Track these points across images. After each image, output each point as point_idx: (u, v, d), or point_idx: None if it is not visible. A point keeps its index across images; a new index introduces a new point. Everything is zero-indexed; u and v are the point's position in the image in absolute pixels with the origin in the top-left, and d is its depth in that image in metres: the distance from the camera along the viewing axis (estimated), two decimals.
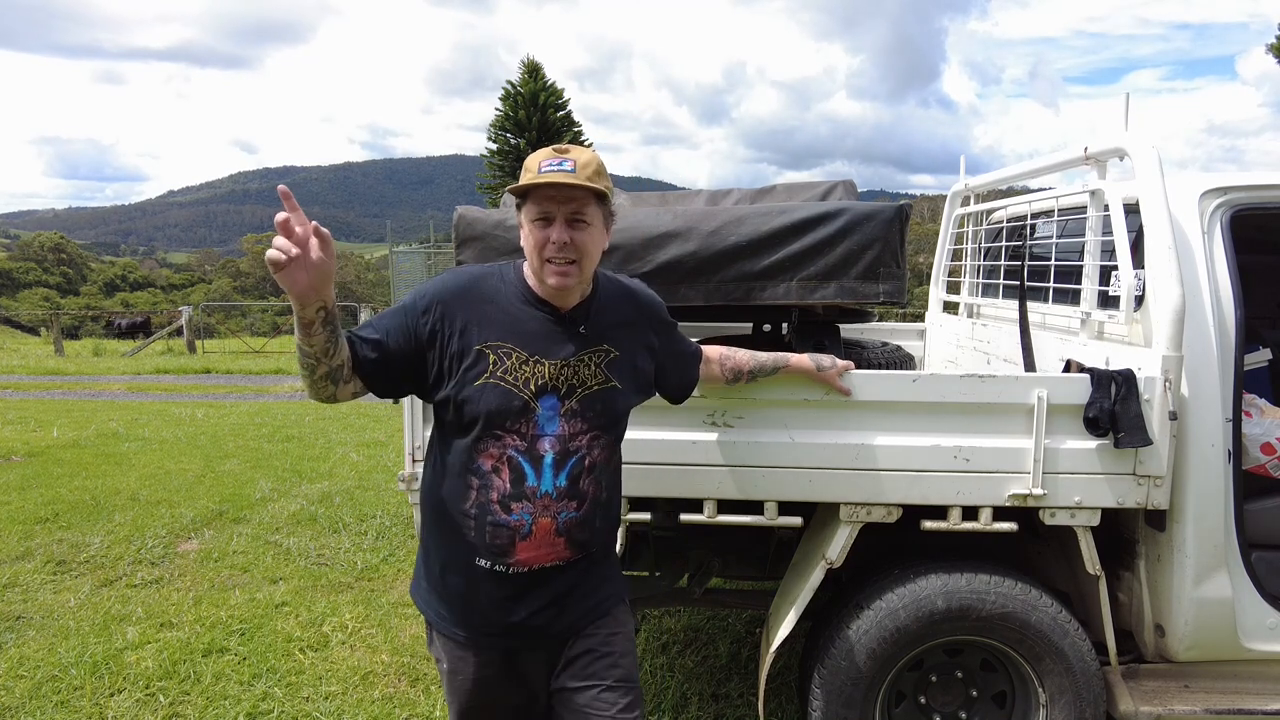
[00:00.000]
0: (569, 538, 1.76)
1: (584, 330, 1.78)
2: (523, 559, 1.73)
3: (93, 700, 3.33)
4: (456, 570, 1.79)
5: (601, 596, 1.88)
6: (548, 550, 1.74)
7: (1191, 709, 2.43)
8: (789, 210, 2.68)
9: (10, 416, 9.81)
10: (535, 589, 1.77)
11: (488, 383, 1.70)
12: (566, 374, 1.74)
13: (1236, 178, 2.49)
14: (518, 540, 1.72)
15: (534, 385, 1.71)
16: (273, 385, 13.18)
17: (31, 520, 5.60)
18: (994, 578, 2.43)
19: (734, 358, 2.23)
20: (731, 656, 3.74)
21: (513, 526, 1.71)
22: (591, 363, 1.78)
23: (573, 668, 1.84)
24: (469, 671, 1.85)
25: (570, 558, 1.78)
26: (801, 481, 2.38)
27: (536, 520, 1.71)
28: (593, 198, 1.70)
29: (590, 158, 1.71)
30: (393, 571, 4.74)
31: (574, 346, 1.76)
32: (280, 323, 30.93)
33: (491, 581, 1.76)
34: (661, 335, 1.96)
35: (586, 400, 1.75)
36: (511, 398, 1.70)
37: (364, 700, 3.34)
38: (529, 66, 25.99)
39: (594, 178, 1.69)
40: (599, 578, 1.89)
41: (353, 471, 7.06)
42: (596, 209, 1.72)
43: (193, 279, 72.29)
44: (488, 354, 1.72)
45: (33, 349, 21.41)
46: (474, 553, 1.75)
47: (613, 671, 1.84)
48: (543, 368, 1.72)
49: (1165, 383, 2.25)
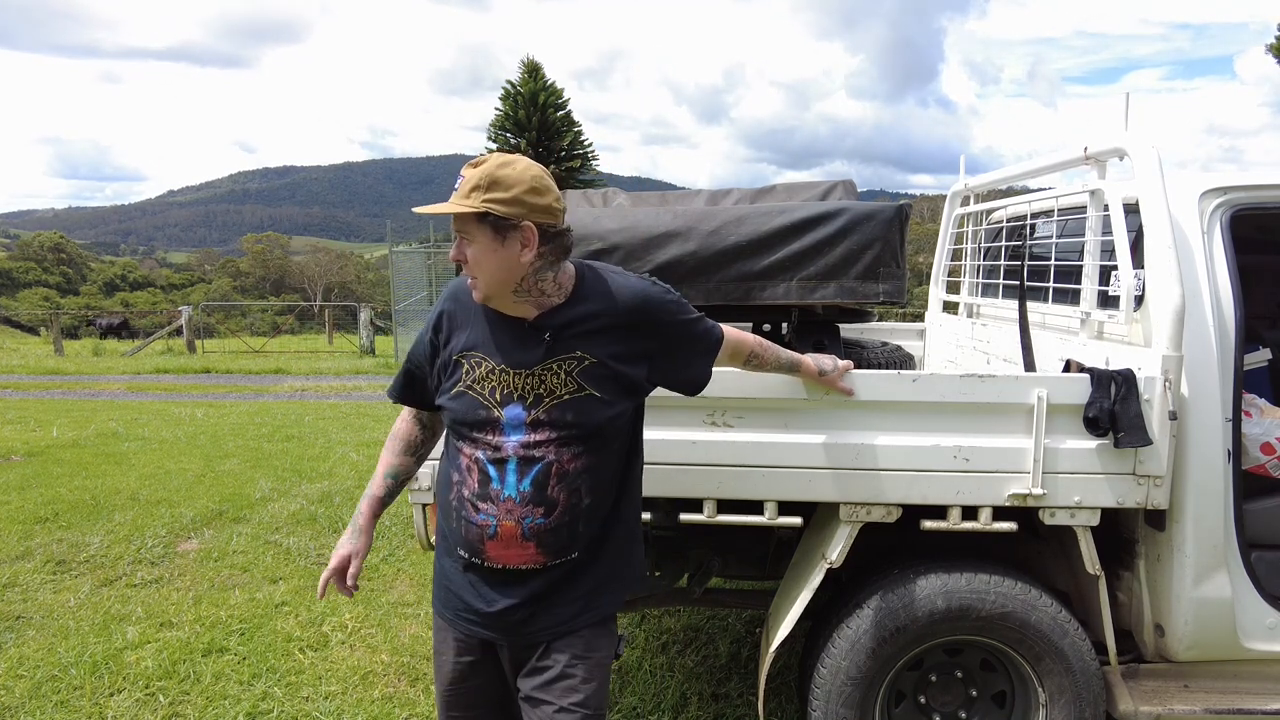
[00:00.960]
0: (539, 543, 1.76)
1: (548, 338, 1.75)
2: (493, 556, 1.79)
3: (92, 700, 3.33)
4: (448, 554, 1.91)
5: (577, 609, 1.84)
6: (516, 552, 1.77)
7: (1191, 709, 2.43)
8: (789, 210, 2.69)
9: (10, 416, 9.81)
10: (510, 586, 1.81)
11: (460, 390, 1.79)
12: (532, 383, 1.74)
13: (1236, 177, 2.49)
14: (485, 539, 1.78)
15: (499, 395, 1.75)
16: (273, 385, 13.18)
17: (31, 520, 5.60)
18: (994, 577, 2.43)
19: (762, 354, 2.15)
20: (731, 656, 3.74)
21: (480, 525, 1.77)
22: (561, 371, 1.75)
23: (536, 679, 1.84)
24: (449, 653, 1.92)
25: (545, 562, 1.78)
26: (801, 481, 2.38)
27: (500, 523, 1.75)
28: (470, 216, 1.67)
29: (477, 173, 1.67)
30: (393, 571, 4.74)
31: (540, 354, 1.75)
32: (280, 322, 30.95)
33: (471, 571, 1.84)
34: (663, 336, 1.86)
35: (555, 409, 1.74)
36: (477, 406, 1.76)
37: (364, 700, 3.34)
38: (529, 66, 25.96)
39: (470, 195, 1.65)
40: (585, 589, 1.84)
41: (353, 471, 7.06)
42: (476, 226, 1.67)
43: (192, 279, 72.29)
44: (463, 362, 1.79)
45: (32, 349, 21.41)
46: (456, 541, 1.84)
47: (570, 695, 1.81)
48: (509, 377, 1.75)
49: (1165, 382, 2.25)
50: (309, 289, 62.77)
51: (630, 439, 1.91)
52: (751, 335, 2.15)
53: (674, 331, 1.88)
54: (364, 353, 18.42)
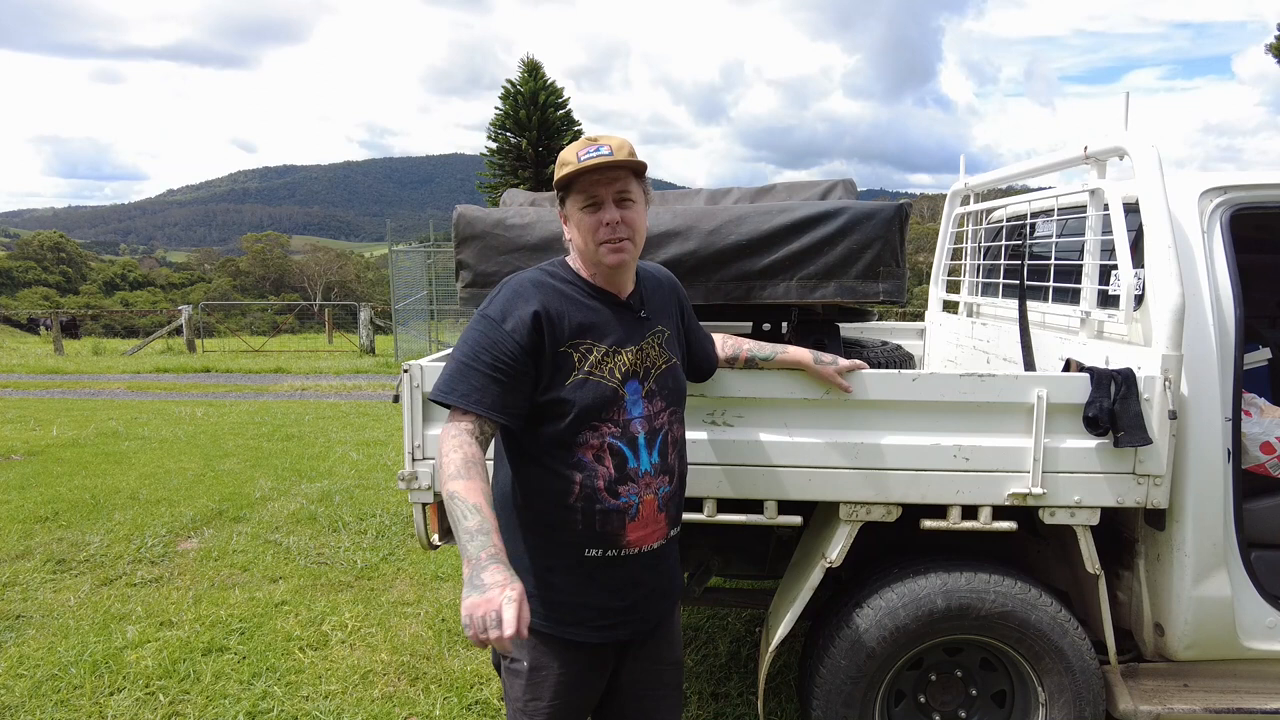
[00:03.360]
0: (668, 513, 1.86)
1: (644, 314, 1.89)
2: (633, 540, 1.81)
3: (92, 699, 3.33)
4: (566, 569, 1.80)
5: (679, 582, 2.03)
6: (652, 529, 1.83)
7: (1191, 708, 2.43)
8: (789, 209, 2.68)
9: (10, 415, 9.81)
10: (645, 574, 1.86)
11: (580, 379, 1.76)
12: (640, 358, 1.84)
13: (1236, 177, 2.49)
14: (627, 522, 1.79)
15: (619, 374, 1.80)
16: (272, 384, 13.17)
17: (31, 519, 5.60)
18: (993, 577, 2.43)
19: (736, 342, 2.31)
20: (731, 655, 3.74)
21: (621, 509, 1.78)
22: (656, 343, 1.88)
23: (642, 657, 1.95)
24: (555, 665, 1.81)
25: (669, 533, 1.89)
26: (801, 480, 2.38)
27: (642, 499, 1.80)
28: (633, 175, 1.80)
29: (621, 141, 1.79)
30: (392, 570, 4.75)
31: (641, 330, 1.87)
32: (280, 321, 30.94)
33: (604, 569, 1.81)
34: (686, 314, 2.08)
35: (660, 379, 1.86)
36: (603, 389, 1.77)
37: (364, 699, 3.34)
38: (528, 65, 25.97)
39: (631, 155, 1.77)
40: (676, 558, 2.00)
41: (352, 470, 7.06)
42: (638, 186, 1.82)
43: (192, 278, 72.23)
44: (572, 353, 1.77)
45: (32, 348, 21.40)
46: (582, 543, 1.79)
47: (675, 650, 2.02)
48: (622, 356, 1.81)
49: (1165, 382, 2.25)
50: (309, 288, 62.77)
51: None
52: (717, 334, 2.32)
53: (690, 311, 2.11)
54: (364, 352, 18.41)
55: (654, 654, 1.96)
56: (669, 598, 1.96)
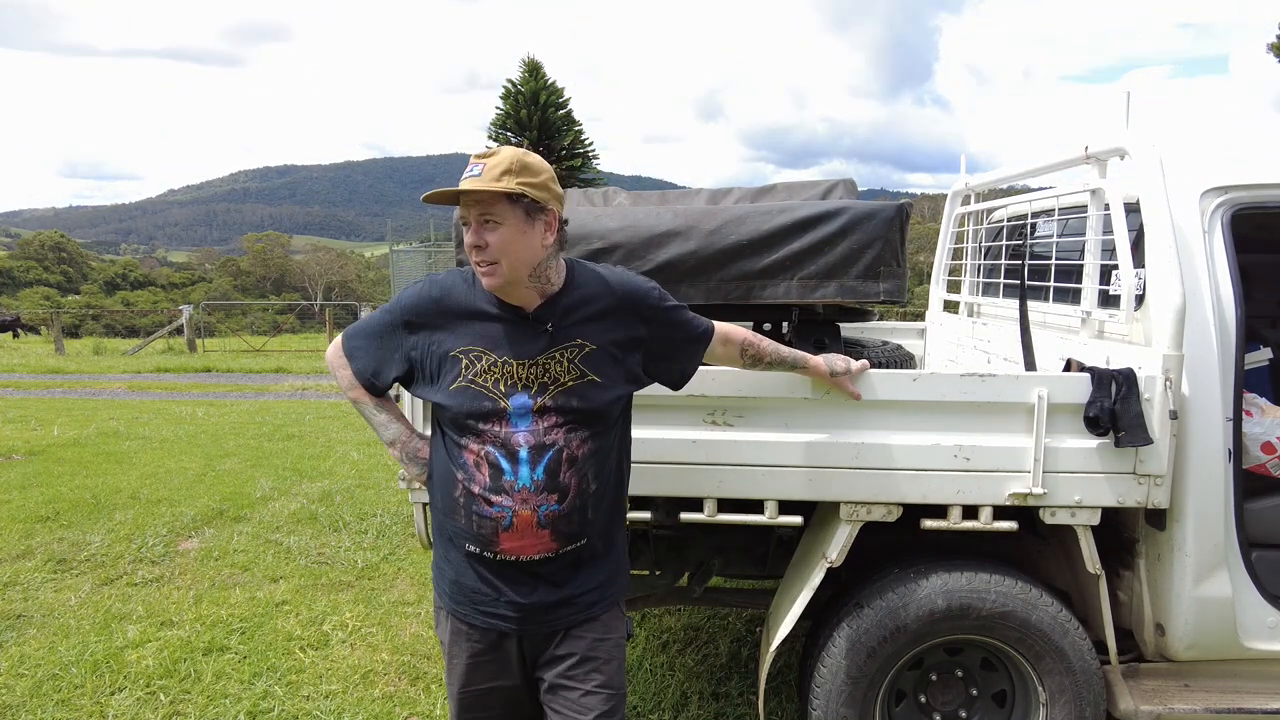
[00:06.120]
0: (553, 530, 1.80)
1: (550, 328, 1.81)
2: (507, 548, 1.80)
3: (93, 699, 3.33)
4: (455, 550, 1.89)
5: (594, 598, 1.90)
6: (531, 541, 1.79)
7: (1191, 708, 2.43)
8: (789, 209, 2.68)
9: (11, 415, 9.81)
10: (523, 577, 1.83)
11: (461, 386, 1.79)
12: (536, 372, 1.79)
13: (1237, 176, 2.49)
14: (500, 531, 1.79)
15: (503, 386, 1.78)
16: (273, 384, 13.17)
17: (32, 519, 5.60)
18: (994, 576, 2.43)
19: (758, 345, 2.15)
20: (732, 655, 3.74)
21: (494, 518, 1.78)
22: (564, 359, 1.81)
23: (558, 666, 1.88)
24: (462, 654, 1.92)
25: (558, 549, 1.82)
26: (801, 480, 2.38)
27: (516, 513, 1.77)
28: (501, 198, 1.71)
29: (502, 158, 1.73)
30: (393, 570, 4.75)
31: (542, 344, 1.80)
32: (280, 321, 30.95)
33: (481, 565, 1.85)
34: (651, 323, 1.92)
35: (561, 396, 1.79)
36: (482, 399, 1.77)
37: (364, 699, 3.34)
38: (529, 65, 25.95)
39: (502, 178, 1.70)
40: (595, 575, 1.90)
41: (353, 470, 7.07)
42: (508, 208, 1.72)
43: (193, 277, 72.23)
44: (460, 359, 1.80)
45: (33, 348, 21.41)
46: (464, 537, 1.83)
47: (594, 677, 1.87)
48: (511, 368, 1.78)
49: (1166, 382, 2.25)
50: (309, 288, 62.77)
51: (624, 432, 1.96)
52: (744, 329, 2.16)
53: (662, 317, 1.95)
54: None
55: (575, 676, 1.87)
56: (575, 608, 1.87)
